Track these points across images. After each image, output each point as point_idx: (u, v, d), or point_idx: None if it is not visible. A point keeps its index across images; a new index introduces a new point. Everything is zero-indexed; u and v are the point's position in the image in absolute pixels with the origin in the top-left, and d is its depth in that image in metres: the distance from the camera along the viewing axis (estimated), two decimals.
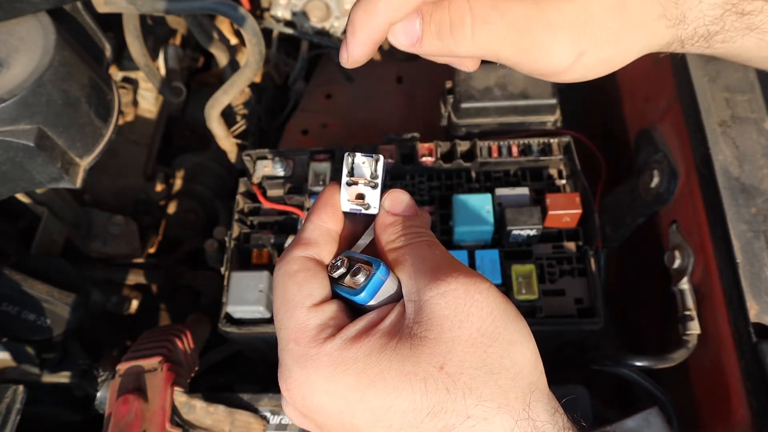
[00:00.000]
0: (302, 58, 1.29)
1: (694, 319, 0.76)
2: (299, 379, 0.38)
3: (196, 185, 1.25)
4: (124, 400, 0.73)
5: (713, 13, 0.44)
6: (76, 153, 0.80)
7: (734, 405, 0.69)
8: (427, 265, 0.40)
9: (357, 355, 0.37)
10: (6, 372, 0.91)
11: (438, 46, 0.42)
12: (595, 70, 0.44)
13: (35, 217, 1.04)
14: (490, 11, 0.41)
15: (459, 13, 0.41)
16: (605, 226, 0.94)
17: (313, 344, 0.39)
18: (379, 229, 0.44)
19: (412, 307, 0.39)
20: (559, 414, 0.37)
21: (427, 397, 0.35)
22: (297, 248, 0.43)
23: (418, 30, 0.42)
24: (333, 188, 0.45)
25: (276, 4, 1.25)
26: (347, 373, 0.37)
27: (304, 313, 0.40)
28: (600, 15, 0.41)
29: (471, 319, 0.37)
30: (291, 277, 0.42)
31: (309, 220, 0.44)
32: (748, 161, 0.74)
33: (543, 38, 0.41)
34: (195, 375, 0.85)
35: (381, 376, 0.36)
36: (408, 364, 0.36)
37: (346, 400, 0.37)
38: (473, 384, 0.35)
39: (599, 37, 0.41)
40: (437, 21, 0.41)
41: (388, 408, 0.36)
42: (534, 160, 0.87)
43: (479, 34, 0.41)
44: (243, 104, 1.25)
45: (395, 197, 0.44)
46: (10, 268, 0.89)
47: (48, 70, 0.74)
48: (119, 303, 1.09)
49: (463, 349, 0.36)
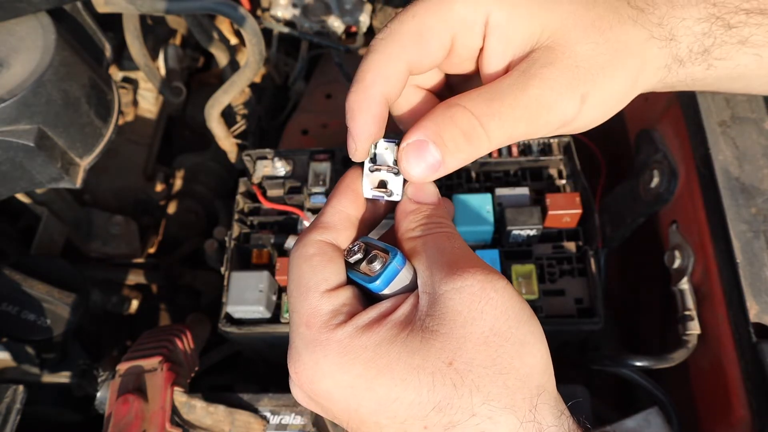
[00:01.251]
0: (302, 58, 1.29)
1: (694, 319, 0.76)
2: (308, 363, 0.38)
3: (196, 185, 1.25)
4: (124, 400, 0.73)
5: (701, 27, 0.44)
6: (76, 153, 0.80)
7: (734, 405, 0.69)
8: (445, 258, 0.39)
9: (367, 344, 0.37)
10: (6, 372, 0.91)
11: (461, 159, 0.41)
12: (603, 110, 0.43)
13: (35, 217, 1.04)
14: (490, 103, 0.40)
15: (466, 121, 0.40)
16: (605, 226, 0.94)
17: (324, 330, 0.38)
18: (400, 216, 0.44)
19: (426, 300, 0.39)
20: (565, 417, 0.37)
21: (434, 391, 0.35)
22: (314, 231, 0.43)
23: (437, 154, 0.40)
24: (355, 172, 0.45)
25: (276, 4, 1.25)
26: (356, 362, 0.37)
27: (317, 298, 0.40)
28: (586, 54, 0.41)
29: (484, 317, 0.37)
30: (306, 261, 0.41)
31: (329, 203, 0.44)
32: (748, 161, 0.74)
33: (544, 98, 0.40)
34: (195, 375, 0.85)
35: (389, 367, 0.36)
36: (417, 357, 0.36)
37: (353, 389, 0.37)
38: (481, 382, 0.35)
39: (594, 74, 0.41)
40: (449, 137, 0.40)
41: (394, 399, 0.36)
42: (534, 160, 0.87)
43: (491, 128, 0.40)
44: (243, 104, 1.25)
45: (420, 185, 0.44)
46: (10, 268, 0.88)
47: (48, 70, 0.74)
48: (119, 303, 1.09)
49: (473, 347, 0.36)
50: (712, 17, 0.44)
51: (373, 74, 0.40)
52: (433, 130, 0.40)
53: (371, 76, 0.40)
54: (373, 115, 0.41)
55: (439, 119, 0.41)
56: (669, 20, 0.43)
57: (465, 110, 0.40)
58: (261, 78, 1.32)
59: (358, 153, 0.43)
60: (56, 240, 1.04)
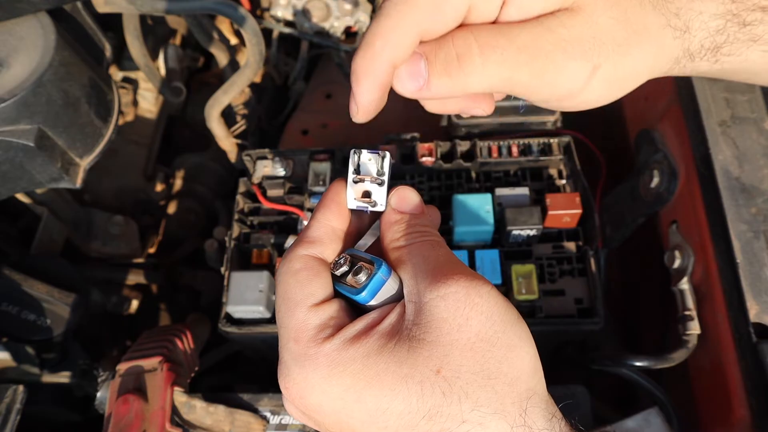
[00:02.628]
0: (302, 58, 1.29)
1: (694, 319, 0.76)
2: (297, 378, 0.38)
3: (196, 185, 1.25)
4: (124, 400, 0.73)
5: (716, 23, 0.43)
6: (76, 153, 0.80)
7: (734, 405, 0.69)
8: (429, 266, 0.39)
9: (355, 356, 0.37)
10: (6, 372, 0.91)
11: (447, 84, 0.40)
12: (611, 88, 0.43)
13: (35, 217, 1.04)
14: (497, 36, 0.39)
15: (464, 43, 0.39)
16: (605, 226, 0.94)
17: (312, 344, 0.39)
18: (385, 227, 0.44)
19: (412, 308, 0.39)
20: (556, 419, 0.37)
21: (423, 400, 0.35)
22: (300, 246, 0.43)
23: (423, 71, 0.40)
24: (339, 185, 0.45)
25: (276, 4, 1.25)
26: (344, 374, 0.37)
27: (304, 313, 0.40)
28: (606, 27, 0.40)
29: (470, 323, 0.37)
30: (293, 276, 0.41)
31: (314, 217, 0.44)
32: (749, 161, 0.74)
33: (555, 55, 0.39)
34: (195, 375, 0.85)
35: (378, 378, 0.36)
36: (405, 366, 0.36)
37: (343, 401, 0.37)
38: (469, 389, 0.35)
39: (610, 49, 0.40)
40: (443, 56, 0.40)
41: (384, 410, 0.36)
42: (534, 160, 0.87)
43: (490, 60, 0.39)
44: (243, 104, 1.25)
45: (402, 195, 0.44)
46: (10, 268, 0.88)
47: (48, 70, 0.74)
48: (119, 303, 1.09)
49: (460, 354, 0.36)
50: (728, 14, 0.43)
51: (382, 41, 0.39)
52: (431, 47, 0.40)
53: (380, 43, 0.39)
54: (378, 82, 0.40)
55: (442, 39, 0.40)
56: (686, 12, 0.43)
57: (468, 33, 0.39)
58: (261, 78, 1.32)
59: (359, 115, 0.42)
60: (56, 240, 1.04)
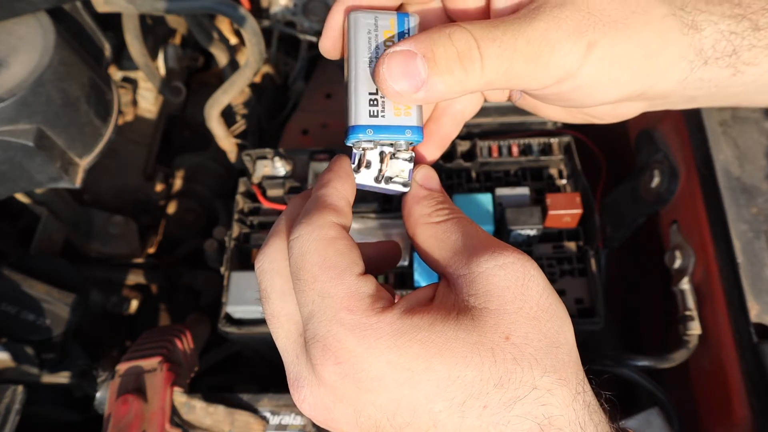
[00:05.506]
0: (302, 58, 1.29)
1: (694, 319, 0.76)
2: (356, 349, 0.34)
3: (196, 185, 1.25)
4: (124, 400, 0.73)
5: (726, 25, 0.41)
6: (75, 153, 0.80)
7: (735, 405, 0.69)
8: (474, 240, 0.38)
9: (420, 324, 0.35)
10: (6, 372, 0.91)
11: (448, 83, 0.38)
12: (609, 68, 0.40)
13: (35, 217, 1.04)
14: (492, 29, 0.38)
15: (462, 38, 0.37)
16: (605, 226, 0.94)
17: (371, 313, 0.35)
18: (412, 202, 0.42)
19: (462, 281, 0.37)
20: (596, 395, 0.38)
21: (496, 366, 0.34)
22: (329, 213, 0.39)
23: (421, 69, 0.37)
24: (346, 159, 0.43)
25: (276, 4, 1.25)
26: (413, 342, 0.34)
27: (354, 280, 0.36)
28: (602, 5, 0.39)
29: (530, 293, 0.37)
30: (330, 243, 0.37)
31: (331, 185, 0.41)
32: (749, 161, 0.74)
33: (549, 33, 0.38)
34: (195, 375, 0.85)
35: (448, 345, 0.34)
36: (474, 334, 0.35)
37: (410, 371, 0.34)
38: (538, 355, 0.35)
39: (606, 25, 0.39)
40: (442, 53, 0.37)
41: (455, 379, 0.34)
42: (534, 160, 0.87)
43: (490, 59, 0.37)
44: (243, 104, 1.25)
45: (427, 173, 0.43)
46: (10, 268, 0.88)
47: (47, 70, 0.74)
48: (119, 303, 1.09)
49: (525, 321, 0.36)
50: (738, 16, 0.41)
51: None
52: (426, 44, 0.37)
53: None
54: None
55: (435, 35, 0.37)
56: (692, 10, 0.41)
57: (464, 30, 0.38)
58: (261, 78, 1.32)
59: (324, 45, 0.43)
60: (55, 240, 1.04)
